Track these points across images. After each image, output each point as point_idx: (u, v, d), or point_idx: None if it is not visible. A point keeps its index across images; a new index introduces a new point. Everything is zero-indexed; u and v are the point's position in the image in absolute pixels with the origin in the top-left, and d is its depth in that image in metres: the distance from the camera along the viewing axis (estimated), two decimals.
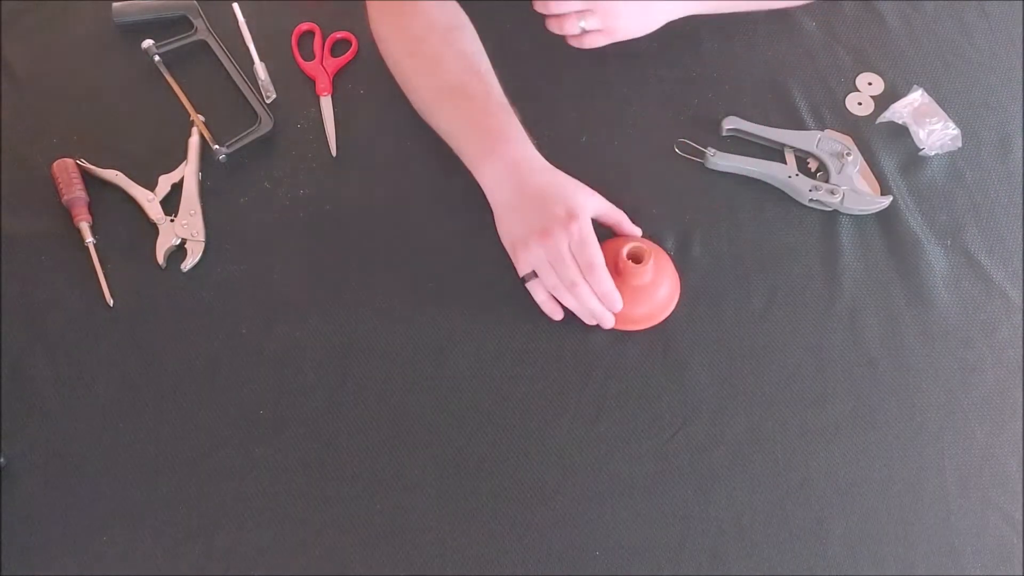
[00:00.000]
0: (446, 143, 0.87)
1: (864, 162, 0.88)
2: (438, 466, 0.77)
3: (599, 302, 0.79)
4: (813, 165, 0.89)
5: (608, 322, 0.80)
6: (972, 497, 0.76)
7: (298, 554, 0.75)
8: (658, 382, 0.80)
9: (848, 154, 0.88)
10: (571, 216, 0.77)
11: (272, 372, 0.81)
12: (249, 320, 0.83)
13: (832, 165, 0.87)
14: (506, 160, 0.82)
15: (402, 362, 0.81)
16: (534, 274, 0.80)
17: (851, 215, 0.87)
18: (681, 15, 0.90)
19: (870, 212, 0.87)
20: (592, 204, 0.81)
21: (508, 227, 0.81)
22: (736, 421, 0.79)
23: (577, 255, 0.77)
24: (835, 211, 0.87)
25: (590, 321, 0.81)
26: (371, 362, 0.81)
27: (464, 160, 0.85)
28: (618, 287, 0.80)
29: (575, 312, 0.81)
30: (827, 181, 0.87)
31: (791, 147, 0.89)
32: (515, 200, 0.81)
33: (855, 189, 0.87)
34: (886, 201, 0.86)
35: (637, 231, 0.84)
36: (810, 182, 0.87)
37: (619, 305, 0.79)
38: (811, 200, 0.87)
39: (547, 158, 0.83)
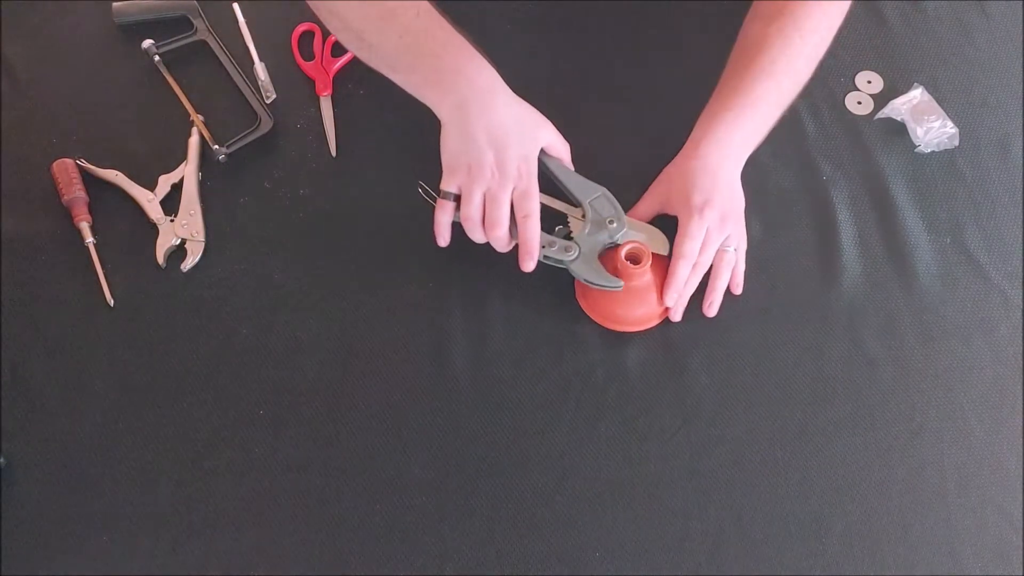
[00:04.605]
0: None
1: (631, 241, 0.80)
2: (438, 466, 0.77)
3: (506, 247, 0.78)
4: (577, 217, 0.81)
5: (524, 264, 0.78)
6: (972, 496, 0.77)
7: (298, 554, 0.75)
8: (658, 382, 0.80)
9: (612, 222, 0.80)
10: (525, 161, 0.76)
11: (272, 372, 0.81)
12: (249, 320, 0.83)
13: (592, 224, 0.80)
14: (470, 90, 0.76)
15: (402, 362, 0.81)
16: (453, 196, 0.78)
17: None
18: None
19: (598, 283, 0.79)
20: (546, 139, 0.79)
21: (456, 148, 0.77)
22: (735, 421, 0.79)
23: (516, 203, 0.76)
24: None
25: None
26: (371, 362, 0.81)
27: (411, 91, 0.79)
28: None
29: (478, 242, 0.78)
30: (569, 238, 0.80)
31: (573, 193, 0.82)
32: (473, 126, 0.76)
33: (591, 257, 0.79)
34: (616, 283, 0.79)
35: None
36: (547, 237, 0.79)
37: (531, 264, 0.77)
38: (545, 256, 0.79)
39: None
